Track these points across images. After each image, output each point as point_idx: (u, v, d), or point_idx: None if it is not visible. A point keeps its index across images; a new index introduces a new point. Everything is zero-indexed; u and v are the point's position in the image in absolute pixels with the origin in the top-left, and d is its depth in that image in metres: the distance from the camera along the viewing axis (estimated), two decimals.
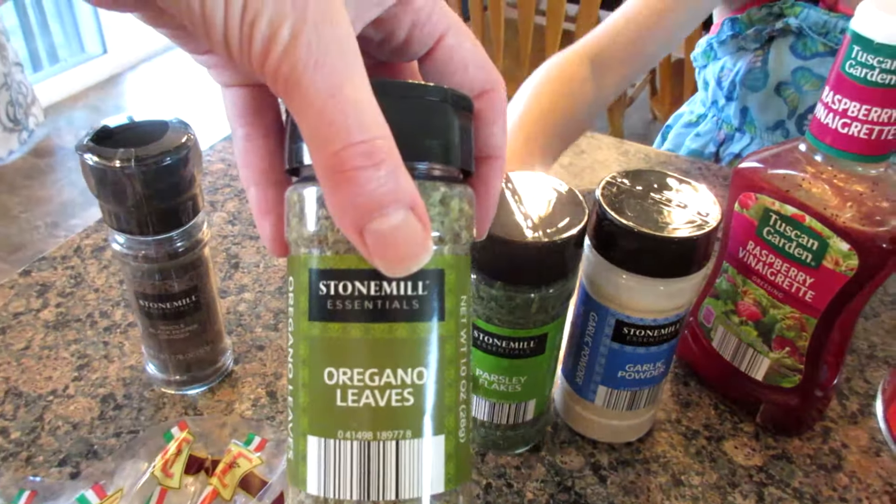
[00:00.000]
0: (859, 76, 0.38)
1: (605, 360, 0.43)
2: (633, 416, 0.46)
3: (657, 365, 0.43)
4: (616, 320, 0.41)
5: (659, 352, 0.43)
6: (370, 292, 0.21)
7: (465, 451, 0.22)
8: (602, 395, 0.45)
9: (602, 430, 0.46)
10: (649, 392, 0.45)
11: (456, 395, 0.22)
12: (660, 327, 0.42)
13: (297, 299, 0.22)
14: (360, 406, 0.21)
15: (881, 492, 0.45)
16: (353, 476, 0.21)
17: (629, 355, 0.42)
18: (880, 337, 0.57)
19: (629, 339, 0.42)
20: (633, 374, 0.43)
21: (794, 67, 0.76)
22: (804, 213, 0.42)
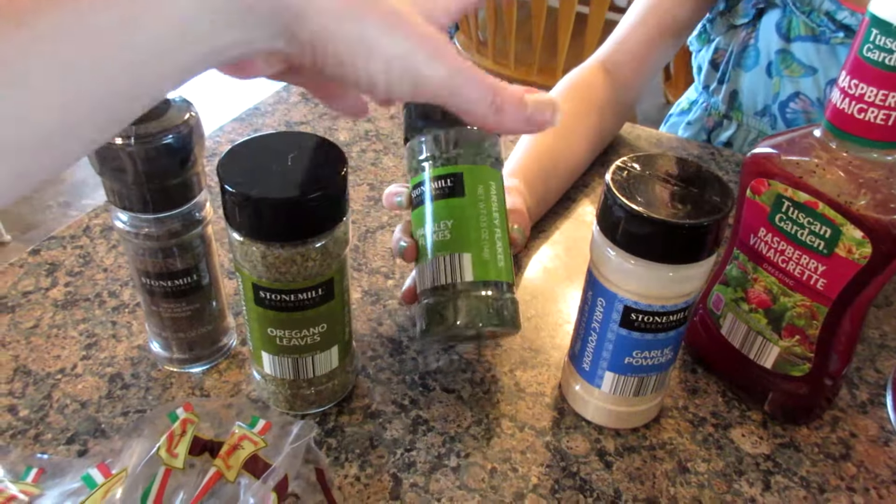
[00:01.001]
0: (877, 60, 0.37)
1: (612, 346, 0.43)
2: (640, 402, 0.46)
3: (665, 351, 0.43)
4: (624, 306, 0.41)
5: (667, 338, 0.42)
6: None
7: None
8: (609, 381, 0.44)
9: (609, 416, 0.46)
10: (657, 378, 0.44)
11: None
12: (668, 314, 0.41)
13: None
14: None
15: (889, 482, 0.45)
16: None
17: (637, 341, 0.42)
18: (892, 326, 0.56)
19: (637, 325, 0.41)
20: (641, 360, 0.43)
21: (777, 48, 0.75)
22: (818, 199, 0.41)
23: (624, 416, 0.46)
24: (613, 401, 0.45)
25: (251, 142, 0.40)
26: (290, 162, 0.38)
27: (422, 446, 0.45)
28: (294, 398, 0.45)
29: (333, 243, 0.39)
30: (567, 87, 0.71)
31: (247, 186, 0.37)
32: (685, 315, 0.42)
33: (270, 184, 0.37)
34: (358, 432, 0.46)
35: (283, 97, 0.80)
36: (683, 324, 0.42)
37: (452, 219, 0.44)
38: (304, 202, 0.37)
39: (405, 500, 0.42)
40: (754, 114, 0.80)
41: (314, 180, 0.37)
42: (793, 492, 0.44)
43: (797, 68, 0.75)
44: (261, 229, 0.38)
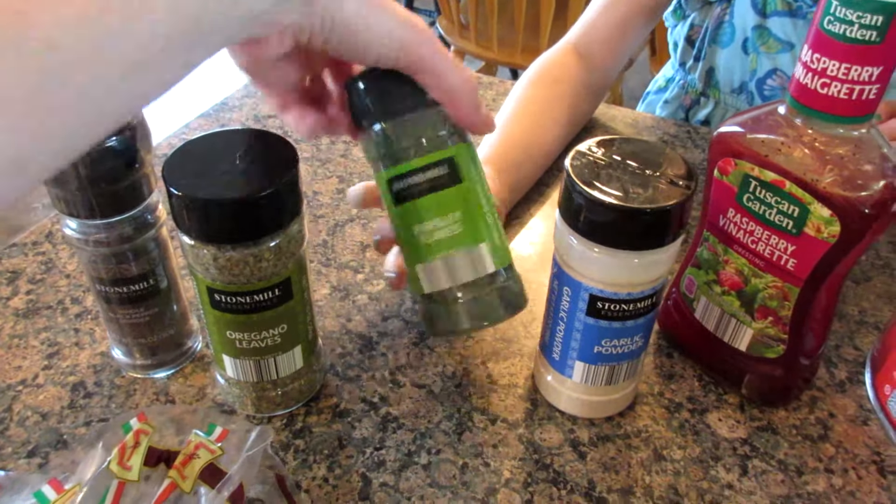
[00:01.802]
0: (838, 33, 0.36)
1: (580, 335, 0.42)
2: (613, 390, 0.45)
3: (635, 339, 0.42)
4: (590, 295, 0.40)
5: (636, 325, 0.41)
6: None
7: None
8: (580, 370, 0.43)
9: (581, 405, 0.45)
10: (628, 366, 0.44)
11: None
12: (636, 301, 0.40)
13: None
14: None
15: (868, 461, 0.44)
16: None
17: (605, 330, 0.41)
18: (871, 302, 0.55)
19: (604, 313, 0.40)
20: (611, 348, 0.42)
21: (753, 24, 0.73)
22: (784, 178, 0.40)
23: (597, 405, 0.45)
24: (585, 390, 0.44)
25: (198, 141, 0.38)
26: (239, 160, 0.37)
27: (392, 444, 0.44)
28: (260, 400, 0.44)
29: (288, 242, 0.38)
30: (538, 71, 0.69)
31: (193, 188, 0.35)
32: (654, 301, 0.41)
33: (218, 184, 0.36)
34: (326, 432, 0.45)
35: (252, 91, 0.78)
36: (652, 310, 0.42)
37: (458, 210, 0.38)
38: (253, 201, 0.36)
39: (374, 500, 0.41)
40: (731, 91, 0.79)
41: (263, 178, 0.36)
42: (770, 475, 0.43)
43: (774, 44, 0.73)
44: (210, 231, 0.36)
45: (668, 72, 0.89)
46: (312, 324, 0.44)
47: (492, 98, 0.78)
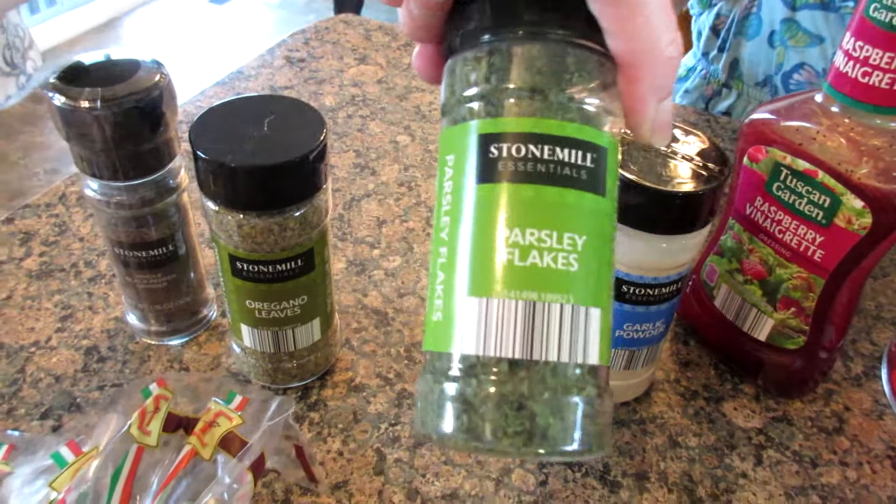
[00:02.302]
0: (884, 21, 0.35)
1: None
2: (631, 375, 0.44)
3: (657, 324, 0.42)
4: (615, 278, 0.40)
5: (659, 311, 0.41)
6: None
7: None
8: None
9: None
10: (648, 351, 0.43)
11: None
12: (661, 286, 0.40)
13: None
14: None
15: (882, 456, 0.44)
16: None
17: (628, 314, 0.41)
18: (888, 297, 0.55)
19: (628, 297, 0.40)
20: (632, 333, 0.42)
21: (782, 17, 0.72)
22: (817, 168, 0.39)
23: (614, 390, 0.45)
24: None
25: (225, 105, 0.38)
26: (267, 127, 0.36)
27: (407, 420, 0.44)
28: (275, 372, 0.43)
29: (313, 212, 0.38)
30: None
31: (220, 153, 0.35)
32: (678, 287, 0.41)
33: (246, 150, 0.35)
34: (341, 406, 0.44)
35: (268, 61, 0.77)
36: (676, 296, 0.41)
37: (584, 232, 0.22)
38: (281, 169, 0.35)
39: (389, 475, 0.41)
40: (755, 84, 0.78)
41: (292, 146, 0.36)
42: (785, 466, 0.43)
43: (803, 38, 0.72)
44: (236, 198, 0.36)
45: (688, 61, 0.88)
46: (331, 297, 0.43)
47: None
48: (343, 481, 0.40)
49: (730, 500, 0.41)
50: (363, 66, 0.77)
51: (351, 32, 0.83)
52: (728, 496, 0.41)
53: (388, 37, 0.83)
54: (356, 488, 0.40)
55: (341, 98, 0.72)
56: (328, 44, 0.81)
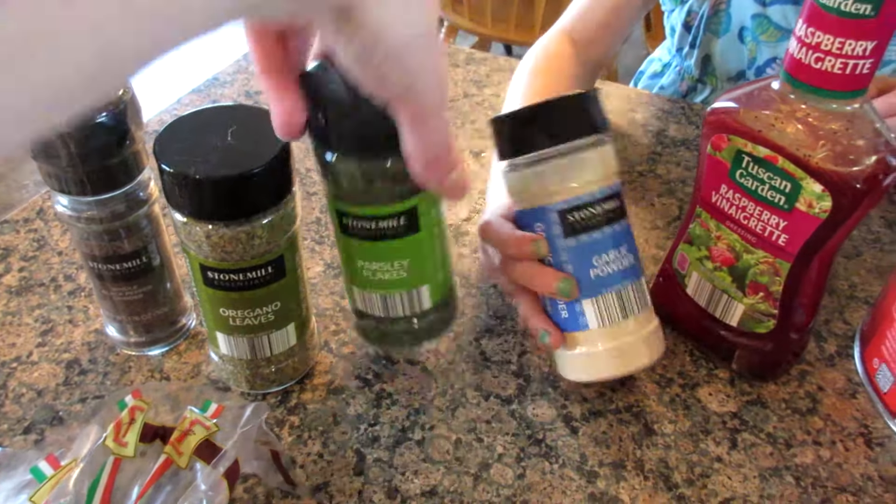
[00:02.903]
0: (833, 6, 0.36)
1: (571, 266, 0.40)
2: (637, 325, 0.41)
3: (622, 251, 0.41)
4: (558, 212, 0.40)
5: (615, 234, 0.40)
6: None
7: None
8: (591, 312, 0.41)
9: (612, 359, 0.41)
10: (634, 289, 0.41)
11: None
12: (600, 202, 0.40)
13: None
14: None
15: (855, 434, 0.45)
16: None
17: (589, 246, 0.40)
18: (861, 277, 0.56)
19: (578, 224, 0.40)
20: (604, 267, 0.40)
21: (752, 13, 0.73)
22: (777, 154, 0.40)
23: (629, 349, 0.41)
24: (610, 333, 0.41)
25: (189, 117, 0.38)
26: (231, 137, 0.37)
27: (385, 420, 0.45)
28: (254, 377, 0.44)
29: (281, 219, 0.38)
30: (537, 62, 0.67)
31: (185, 165, 0.35)
32: (617, 205, 0.41)
33: (210, 161, 0.36)
34: (321, 409, 0.45)
35: (243, 66, 0.77)
36: (623, 217, 0.41)
37: (408, 258, 0.38)
38: (246, 179, 0.36)
39: (369, 475, 0.42)
40: (728, 79, 0.78)
41: (256, 155, 0.36)
42: (759, 448, 0.44)
43: (774, 32, 0.73)
44: (202, 209, 0.36)
45: (663, 56, 0.88)
46: (306, 301, 0.44)
47: (485, 74, 0.78)
48: (323, 483, 0.41)
49: (705, 485, 0.42)
50: None
51: None
52: (703, 481, 0.42)
53: None
54: (336, 489, 0.41)
55: None
56: None
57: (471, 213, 0.60)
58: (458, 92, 0.75)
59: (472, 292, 0.53)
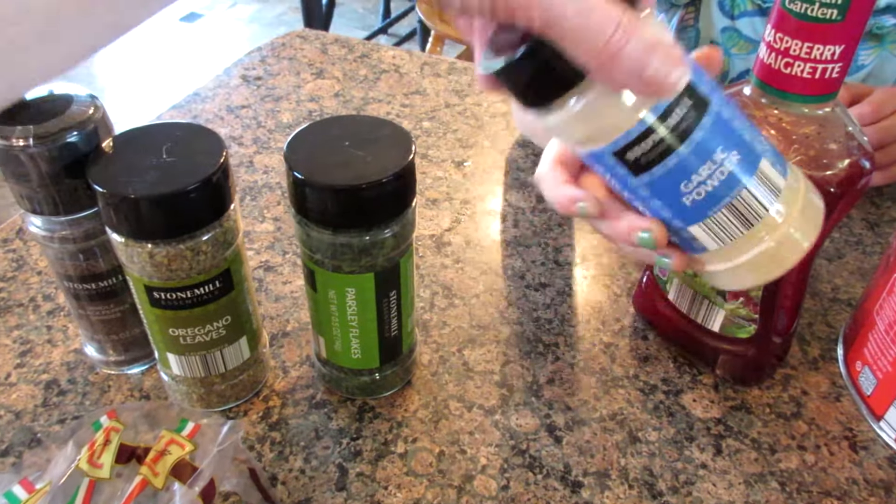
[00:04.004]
0: (799, 12, 0.36)
1: (657, 202, 0.32)
2: (767, 226, 0.32)
3: (716, 159, 0.30)
4: (614, 155, 0.30)
5: (698, 146, 0.30)
6: (183, 295, 0.39)
7: (259, 330, 0.45)
8: (703, 236, 0.32)
9: (752, 271, 0.33)
10: (753, 188, 0.31)
11: (247, 311, 0.43)
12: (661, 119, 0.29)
13: (136, 291, 0.40)
14: (194, 343, 0.41)
15: (840, 437, 0.45)
16: (199, 365, 0.43)
17: (668, 176, 0.30)
18: (844, 279, 0.56)
19: (644, 159, 0.30)
20: (700, 188, 0.31)
21: (721, 27, 0.73)
22: None
23: (772, 252, 0.32)
24: (738, 247, 0.32)
25: (121, 137, 0.38)
26: (166, 154, 0.37)
27: (368, 434, 0.44)
28: (208, 395, 0.44)
29: (223, 233, 0.38)
30: None
31: (121, 185, 0.35)
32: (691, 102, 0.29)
33: (146, 180, 0.36)
34: (302, 424, 0.45)
35: (224, 81, 0.77)
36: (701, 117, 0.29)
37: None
38: (184, 195, 0.35)
39: (351, 490, 0.41)
40: None
41: (192, 171, 0.36)
42: (744, 454, 0.44)
43: (745, 45, 0.73)
44: (142, 229, 0.36)
45: None
46: (256, 313, 0.44)
47: (467, 83, 0.78)
48: (305, 499, 0.41)
49: (690, 492, 0.42)
50: (320, 80, 0.78)
51: (307, 47, 0.83)
52: (688, 488, 0.42)
53: (345, 49, 0.83)
54: None
55: (298, 114, 0.72)
56: (285, 60, 0.81)
57: (452, 223, 0.60)
58: (440, 102, 0.75)
59: (454, 302, 0.53)
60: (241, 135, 0.69)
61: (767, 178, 0.32)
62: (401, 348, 0.44)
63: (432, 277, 0.55)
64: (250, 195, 0.62)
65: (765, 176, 0.32)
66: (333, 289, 0.40)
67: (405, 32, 2.68)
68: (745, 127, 0.31)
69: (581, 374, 0.48)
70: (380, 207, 0.38)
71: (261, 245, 0.57)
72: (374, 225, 0.38)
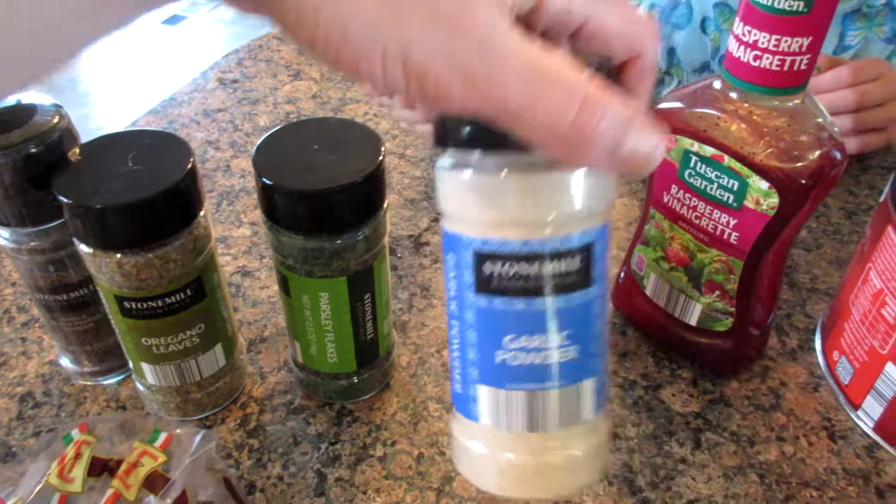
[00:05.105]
0: (767, 4, 0.36)
1: (475, 332, 0.25)
2: (541, 446, 0.26)
3: (557, 338, 0.24)
4: (473, 253, 0.24)
5: (555, 312, 0.24)
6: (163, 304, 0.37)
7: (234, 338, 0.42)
8: (485, 401, 0.26)
9: (498, 474, 0.27)
10: (561, 396, 0.25)
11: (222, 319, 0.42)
12: (537, 257, 0.24)
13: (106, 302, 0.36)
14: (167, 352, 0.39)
15: (818, 427, 0.45)
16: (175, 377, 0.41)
17: (503, 316, 0.24)
18: (822, 269, 0.56)
19: (496, 282, 0.24)
20: (519, 354, 0.25)
21: (715, 1, 0.73)
22: (723, 152, 0.40)
23: (520, 471, 0.26)
24: (501, 443, 0.26)
25: (87, 146, 0.38)
26: (132, 163, 0.36)
27: (347, 438, 0.44)
28: (185, 404, 0.43)
29: (193, 241, 0.38)
30: None
31: (87, 195, 0.35)
32: (576, 265, 0.24)
33: (112, 189, 0.35)
34: (280, 430, 0.44)
35: (200, 84, 0.77)
36: (578, 286, 0.24)
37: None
38: (151, 203, 0.35)
39: (330, 495, 0.41)
40: (693, 70, 0.79)
41: (159, 179, 0.36)
42: (723, 447, 0.44)
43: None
44: (110, 239, 0.36)
45: None
46: (231, 320, 0.43)
47: None
48: None
49: (670, 487, 0.42)
50: (297, 81, 0.77)
51: (284, 49, 0.83)
52: (668, 483, 0.42)
53: None
54: None
55: (275, 117, 0.72)
56: (261, 62, 0.81)
57: (431, 222, 0.60)
58: None
59: (432, 303, 0.53)
60: (217, 139, 0.69)
61: (580, 398, 0.26)
62: (377, 351, 0.44)
63: (410, 278, 0.55)
64: (227, 200, 0.62)
65: (579, 394, 0.26)
66: (307, 294, 0.40)
67: None
68: (602, 336, 0.26)
69: None
70: (350, 211, 0.37)
71: (238, 250, 0.57)
72: (344, 229, 0.38)
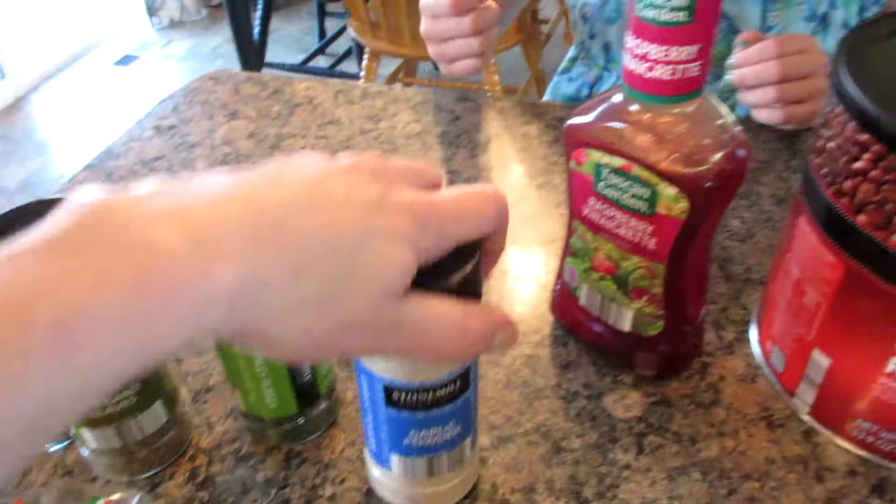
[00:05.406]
0: (651, 17, 0.37)
1: (386, 427, 0.37)
2: (438, 482, 0.40)
3: (447, 427, 0.37)
4: (384, 386, 0.35)
5: (444, 414, 0.36)
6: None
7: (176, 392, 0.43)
8: (397, 463, 0.39)
9: (409, 499, 0.41)
10: (450, 456, 0.39)
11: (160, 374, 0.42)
12: (433, 389, 0.35)
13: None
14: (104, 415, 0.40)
15: (757, 419, 0.46)
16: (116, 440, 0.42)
17: (410, 421, 0.36)
18: (756, 258, 0.57)
19: (403, 403, 0.35)
20: (422, 440, 0.37)
21: None
22: (631, 162, 0.41)
23: (424, 498, 0.41)
24: (409, 484, 0.40)
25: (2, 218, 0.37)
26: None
27: (296, 481, 0.44)
28: (131, 464, 0.43)
29: None
30: None
31: None
32: (458, 386, 0.36)
33: None
34: (229, 479, 0.44)
35: (136, 133, 0.77)
36: (460, 395, 0.36)
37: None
38: None
39: None
40: None
41: None
42: (666, 448, 0.44)
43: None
44: None
45: (571, 52, 0.90)
46: (169, 374, 0.43)
47: (381, 107, 0.78)
48: None
49: (615, 495, 0.42)
50: (234, 121, 0.78)
51: (220, 89, 0.83)
52: (613, 491, 0.42)
53: (258, 87, 0.83)
54: None
55: (213, 159, 0.72)
56: (197, 105, 0.81)
57: None
58: (355, 129, 0.75)
59: None
60: None
61: (462, 451, 0.40)
62: (318, 391, 0.44)
63: None
64: None
65: (462, 449, 0.40)
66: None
67: (343, 51, 2.68)
68: (476, 407, 0.39)
69: (504, 389, 0.49)
70: None
71: None
72: None
